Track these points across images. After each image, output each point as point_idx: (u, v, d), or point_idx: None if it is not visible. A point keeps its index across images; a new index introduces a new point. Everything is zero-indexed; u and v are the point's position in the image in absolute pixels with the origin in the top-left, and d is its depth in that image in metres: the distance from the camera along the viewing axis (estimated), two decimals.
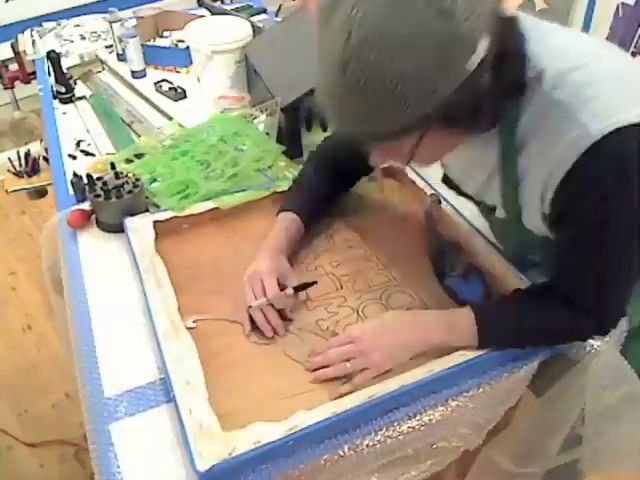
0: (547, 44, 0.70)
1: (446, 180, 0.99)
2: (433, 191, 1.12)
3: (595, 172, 0.68)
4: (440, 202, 1.09)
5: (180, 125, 1.39)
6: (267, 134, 1.30)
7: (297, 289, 0.91)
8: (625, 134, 0.65)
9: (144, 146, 1.27)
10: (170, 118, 1.45)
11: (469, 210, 1.05)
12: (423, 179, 1.16)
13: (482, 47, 0.60)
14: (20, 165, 2.36)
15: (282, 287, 0.91)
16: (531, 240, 0.86)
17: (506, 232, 0.95)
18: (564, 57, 0.69)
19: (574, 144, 0.67)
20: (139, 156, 1.24)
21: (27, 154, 2.36)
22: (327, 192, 1.08)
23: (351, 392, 0.78)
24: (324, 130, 1.27)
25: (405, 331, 0.83)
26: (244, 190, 1.14)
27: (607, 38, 2.17)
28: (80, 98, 1.55)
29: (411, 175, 1.18)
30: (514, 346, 0.84)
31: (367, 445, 0.76)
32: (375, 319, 0.88)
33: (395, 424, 0.77)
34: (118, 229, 1.04)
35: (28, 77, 2.43)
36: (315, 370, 0.82)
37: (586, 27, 2.34)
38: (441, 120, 0.64)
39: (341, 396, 0.77)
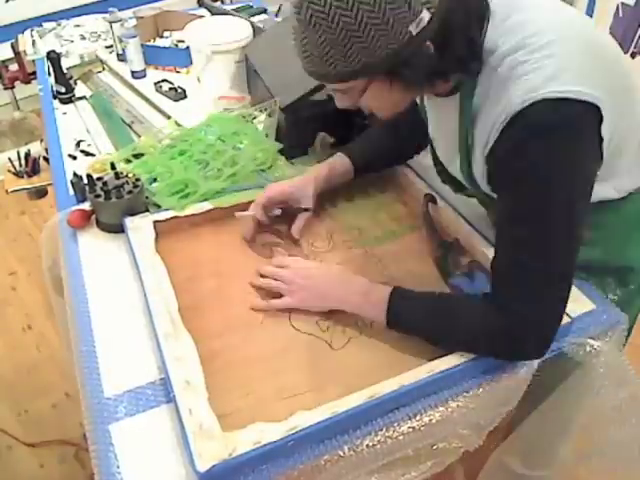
0: (506, 23, 0.76)
1: (436, 163, 1.01)
2: (429, 191, 1.12)
3: (511, 138, 0.74)
4: (436, 202, 1.09)
5: (178, 124, 1.39)
6: (267, 135, 1.30)
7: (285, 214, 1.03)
8: (539, 107, 0.70)
9: (143, 146, 1.27)
10: (170, 118, 1.45)
11: (468, 208, 1.05)
12: (424, 180, 1.16)
13: (425, 17, 0.69)
14: (20, 165, 2.35)
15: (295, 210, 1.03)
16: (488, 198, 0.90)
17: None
18: (515, 36, 0.74)
19: (501, 113, 0.73)
20: (138, 156, 1.24)
21: (27, 154, 2.36)
22: (385, 145, 1.11)
23: (263, 309, 0.92)
24: None
25: (328, 284, 0.91)
26: (244, 190, 1.14)
27: None
28: (80, 98, 1.55)
29: (410, 176, 1.18)
30: (423, 336, 0.83)
31: (367, 445, 0.76)
32: (315, 262, 1.00)
33: (395, 424, 0.77)
34: (118, 229, 1.04)
35: (28, 77, 2.43)
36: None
37: None
38: (384, 73, 0.73)
39: (256, 310, 0.92)
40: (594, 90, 0.70)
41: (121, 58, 1.71)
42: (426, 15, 0.69)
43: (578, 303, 0.91)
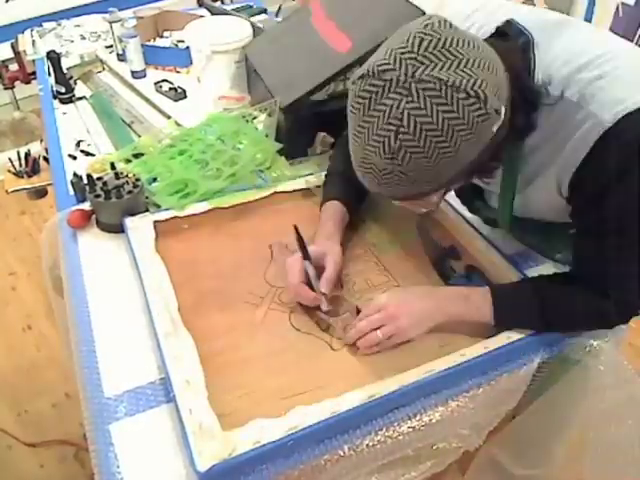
0: (551, 52, 0.74)
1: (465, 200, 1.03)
2: None
3: (611, 156, 0.72)
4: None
5: (177, 123, 1.39)
6: (267, 135, 1.30)
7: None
8: (635, 118, 0.69)
9: (142, 145, 1.27)
10: (170, 118, 1.45)
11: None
12: None
13: (503, 110, 0.67)
14: (20, 165, 2.35)
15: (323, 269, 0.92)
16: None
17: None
18: (569, 60, 0.73)
19: (588, 133, 0.71)
20: (138, 156, 1.24)
21: (27, 154, 2.36)
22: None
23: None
24: None
25: (425, 299, 0.87)
26: (244, 190, 1.14)
27: None
28: (80, 98, 1.55)
29: None
30: (532, 327, 0.85)
31: (367, 445, 0.76)
32: (396, 289, 0.94)
33: (395, 424, 0.77)
34: (118, 229, 1.04)
35: (28, 77, 2.42)
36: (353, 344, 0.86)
37: None
38: (465, 175, 0.71)
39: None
40: None
41: (121, 58, 1.71)
42: (503, 110, 0.67)
43: None
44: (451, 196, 1.13)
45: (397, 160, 0.66)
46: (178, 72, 1.66)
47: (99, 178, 1.06)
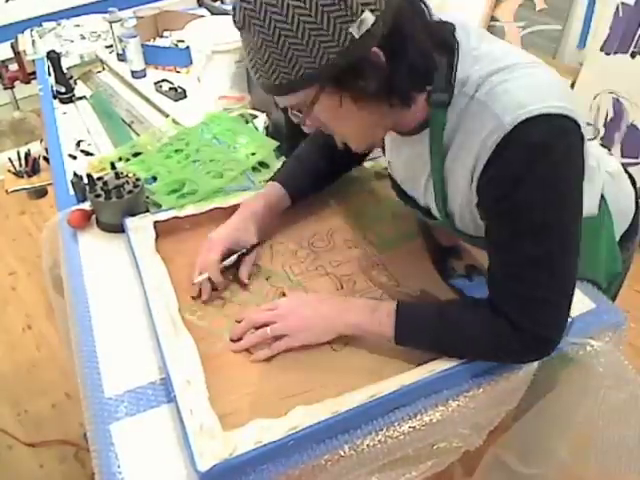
0: (474, 54, 0.75)
1: (393, 183, 1.00)
2: None
3: (509, 159, 0.71)
4: None
5: (175, 122, 1.39)
6: (267, 135, 1.31)
7: (229, 266, 0.95)
8: (533, 124, 0.68)
9: (141, 144, 1.27)
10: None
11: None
12: None
13: (368, 19, 0.66)
14: (20, 165, 2.35)
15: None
16: (469, 242, 0.89)
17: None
18: (488, 63, 0.74)
19: (491, 134, 0.71)
20: (137, 155, 1.24)
21: (27, 154, 2.36)
22: (319, 166, 1.07)
23: (267, 357, 0.84)
24: None
25: (326, 306, 0.85)
26: (243, 190, 1.14)
27: (607, 38, 2.16)
28: (80, 98, 1.55)
29: None
30: (431, 348, 0.81)
31: (368, 445, 0.76)
32: (300, 292, 0.94)
33: (396, 424, 0.77)
34: (118, 229, 1.04)
35: (28, 77, 2.43)
36: (238, 340, 0.86)
37: (586, 27, 2.34)
38: (330, 80, 0.70)
39: (258, 361, 0.83)
40: (575, 108, 0.70)
41: (121, 58, 1.71)
42: (369, 17, 0.66)
43: (578, 303, 0.91)
44: None
45: (244, 32, 0.70)
46: (178, 72, 1.67)
47: (99, 178, 1.06)
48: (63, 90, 1.52)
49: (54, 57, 1.49)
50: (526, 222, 0.73)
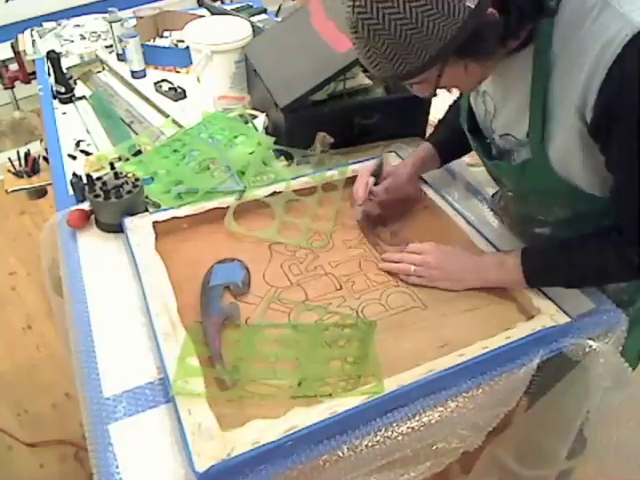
0: None
1: (470, 118, 1.00)
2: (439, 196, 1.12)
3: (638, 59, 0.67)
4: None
5: (174, 122, 1.39)
6: (267, 134, 1.31)
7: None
8: None
9: (139, 143, 1.27)
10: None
11: (472, 210, 1.05)
12: (427, 183, 1.16)
13: None
14: (20, 165, 2.35)
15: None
16: (551, 186, 0.86)
17: (523, 183, 0.94)
18: None
19: (617, 34, 0.67)
20: (136, 154, 1.24)
21: (27, 154, 2.36)
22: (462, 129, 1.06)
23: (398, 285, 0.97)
24: None
25: (468, 263, 0.95)
26: (240, 190, 1.14)
27: None
28: (80, 98, 1.55)
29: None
30: (562, 283, 0.89)
31: (366, 446, 0.76)
32: (444, 246, 0.99)
33: (394, 425, 0.77)
34: (118, 229, 1.04)
35: (28, 77, 2.42)
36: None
37: None
38: (455, 55, 0.71)
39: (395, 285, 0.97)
40: None
41: (121, 58, 1.71)
42: None
43: (578, 303, 0.91)
44: (451, 193, 1.13)
45: (359, 33, 0.70)
46: (178, 72, 1.66)
47: (98, 178, 1.06)
48: (63, 90, 1.52)
49: (54, 57, 1.49)
50: None
